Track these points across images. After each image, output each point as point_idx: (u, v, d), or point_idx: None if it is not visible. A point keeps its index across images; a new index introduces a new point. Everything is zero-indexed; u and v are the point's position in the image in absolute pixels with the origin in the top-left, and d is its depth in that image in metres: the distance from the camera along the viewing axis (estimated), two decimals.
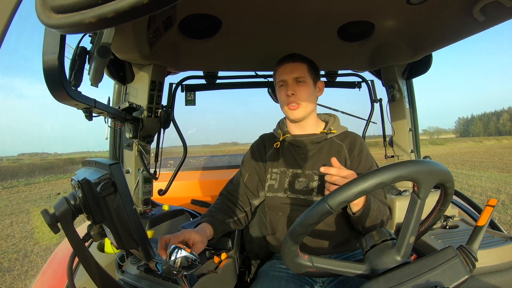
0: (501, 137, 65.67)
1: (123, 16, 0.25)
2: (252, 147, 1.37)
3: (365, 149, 1.23)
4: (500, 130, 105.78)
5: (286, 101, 1.21)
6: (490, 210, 0.73)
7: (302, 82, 1.21)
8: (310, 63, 1.25)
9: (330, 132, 1.23)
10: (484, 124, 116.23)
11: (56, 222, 0.69)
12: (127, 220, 0.74)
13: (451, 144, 45.40)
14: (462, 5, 1.14)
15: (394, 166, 0.63)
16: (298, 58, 1.23)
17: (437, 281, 0.62)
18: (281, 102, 1.26)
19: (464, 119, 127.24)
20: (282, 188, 1.22)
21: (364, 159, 1.20)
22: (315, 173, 1.19)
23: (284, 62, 1.24)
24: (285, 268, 1.18)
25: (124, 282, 0.98)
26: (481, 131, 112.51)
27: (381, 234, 0.71)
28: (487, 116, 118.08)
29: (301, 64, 1.22)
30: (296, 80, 1.21)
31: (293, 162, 1.24)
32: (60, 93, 0.71)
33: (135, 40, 1.13)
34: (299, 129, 1.27)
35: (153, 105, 1.44)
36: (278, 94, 1.27)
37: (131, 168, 1.48)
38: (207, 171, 2.88)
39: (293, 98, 1.19)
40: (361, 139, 1.26)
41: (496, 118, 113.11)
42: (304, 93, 1.20)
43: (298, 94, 1.20)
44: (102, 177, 0.71)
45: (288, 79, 1.21)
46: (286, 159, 1.26)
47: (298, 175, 1.21)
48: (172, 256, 0.77)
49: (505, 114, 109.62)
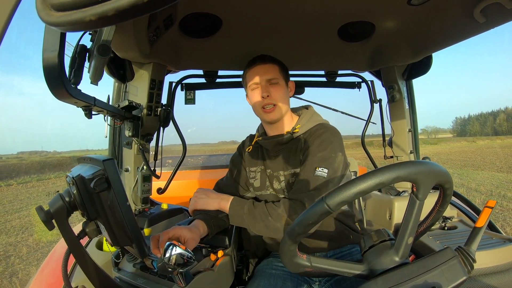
0: (495, 137, 66.00)
1: (123, 14, 0.25)
2: (239, 146, 1.43)
3: (322, 138, 1.13)
4: (497, 130, 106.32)
5: (260, 103, 1.19)
6: (488, 211, 0.73)
7: (275, 83, 1.19)
8: (280, 63, 1.24)
9: (294, 132, 1.21)
10: (481, 124, 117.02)
11: (50, 219, 0.69)
12: (121, 217, 0.74)
13: (444, 143, 45.78)
14: (462, 6, 1.14)
15: (393, 166, 0.63)
16: (269, 59, 1.22)
17: (435, 282, 0.62)
18: (255, 105, 1.23)
19: (461, 119, 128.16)
20: (264, 186, 1.25)
21: (314, 146, 1.11)
22: (280, 174, 1.21)
23: (255, 64, 1.21)
24: (282, 266, 1.18)
25: (120, 280, 0.97)
26: (478, 131, 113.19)
27: (379, 235, 0.72)
28: (484, 116, 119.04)
29: (273, 65, 1.21)
30: (269, 82, 1.19)
31: (267, 163, 1.27)
32: (60, 91, 0.71)
33: (135, 39, 1.13)
34: (274, 129, 1.27)
35: (153, 104, 1.44)
36: (251, 97, 1.23)
37: (130, 167, 1.48)
38: (206, 170, 2.88)
39: (268, 100, 1.17)
40: (326, 129, 1.16)
41: (493, 118, 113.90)
42: (278, 94, 1.19)
43: (273, 96, 1.18)
44: (96, 173, 0.71)
45: (261, 81, 1.19)
46: (262, 159, 1.29)
47: (273, 175, 1.24)
48: (166, 253, 0.76)
49: (501, 114, 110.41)
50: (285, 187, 1.19)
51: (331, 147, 1.11)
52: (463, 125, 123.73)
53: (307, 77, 2.00)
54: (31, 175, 17.97)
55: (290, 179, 1.18)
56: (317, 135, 1.15)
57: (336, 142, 1.13)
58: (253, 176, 1.30)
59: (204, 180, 2.61)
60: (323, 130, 1.16)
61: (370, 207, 1.80)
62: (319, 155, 1.09)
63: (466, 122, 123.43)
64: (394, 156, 1.88)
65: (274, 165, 1.24)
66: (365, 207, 1.83)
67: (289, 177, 1.18)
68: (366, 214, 1.80)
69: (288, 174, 1.18)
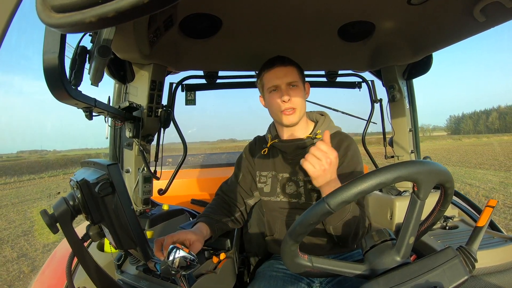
0: (481, 135, 66.47)
1: (123, 15, 0.25)
2: (246, 149, 1.39)
3: (352, 151, 1.18)
4: (489, 128, 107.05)
5: (280, 107, 1.17)
6: (489, 211, 0.73)
7: (295, 86, 1.18)
8: (297, 65, 1.22)
9: (316, 137, 1.20)
10: (474, 122, 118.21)
11: (55, 223, 0.70)
12: (125, 220, 0.74)
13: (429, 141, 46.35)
14: (462, 5, 1.14)
15: (394, 166, 0.62)
16: (288, 61, 1.20)
17: (436, 281, 0.62)
18: (273, 108, 1.21)
19: (455, 117, 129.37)
20: (275, 192, 1.23)
21: (348, 161, 1.15)
22: (299, 178, 1.19)
23: (274, 65, 1.19)
24: (283, 268, 1.18)
25: (123, 282, 0.98)
26: (471, 129, 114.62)
27: (381, 235, 0.71)
28: (477, 114, 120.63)
29: (292, 68, 1.19)
30: (289, 85, 1.17)
31: (282, 167, 1.24)
32: (60, 92, 0.71)
33: (135, 40, 1.13)
34: (289, 133, 1.25)
35: (153, 105, 1.44)
36: (269, 99, 1.21)
37: (131, 168, 1.48)
38: (206, 169, 2.88)
39: (289, 104, 1.16)
40: (350, 141, 1.21)
41: (485, 116, 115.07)
42: (298, 98, 1.17)
43: (293, 99, 1.16)
44: (101, 177, 0.72)
45: (281, 84, 1.17)
46: (275, 163, 1.26)
47: (288, 179, 1.21)
48: (170, 256, 0.77)
49: (494, 113, 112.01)
50: (304, 192, 1.17)
51: (361, 160, 1.19)
52: (457, 123, 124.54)
53: (307, 77, 1.99)
54: (57, 170, 23.81)
55: (310, 185, 1.15)
56: (346, 147, 1.18)
57: (359, 152, 1.22)
58: (263, 181, 1.26)
59: (204, 179, 2.62)
60: (349, 142, 1.20)
61: (371, 207, 1.79)
62: (358, 170, 1.15)
63: (460, 120, 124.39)
64: (395, 155, 1.88)
65: (291, 169, 1.21)
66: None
67: (309, 183, 1.15)
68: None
69: (308, 181, 1.15)
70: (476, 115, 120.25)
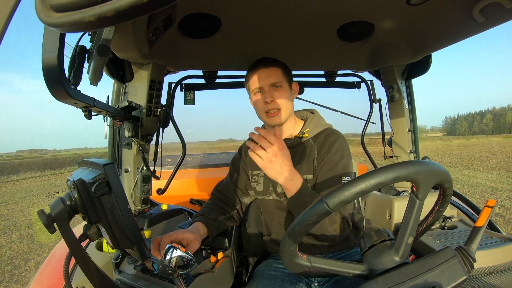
0: (471, 137, 67.10)
1: (122, 15, 0.25)
2: (240, 148, 1.40)
3: (336, 146, 1.15)
4: (484, 130, 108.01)
5: (264, 108, 1.17)
6: (488, 211, 0.73)
7: (279, 87, 1.17)
8: (283, 66, 1.21)
9: (303, 136, 1.20)
10: (469, 124, 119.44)
11: (52, 222, 0.70)
12: (122, 220, 0.74)
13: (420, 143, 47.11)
14: (462, 6, 1.14)
15: (393, 166, 0.63)
16: (271, 62, 1.19)
17: (435, 281, 0.62)
18: (258, 109, 1.21)
19: (451, 118, 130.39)
20: (267, 191, 1.23)
21: (331, 155, 1.13)
22: None
23: (257, 68, 1.18)
24: (281, 268, 1.18)
25: (121, 282, 0.98)
26: (466, 130, 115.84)
27: (379, 235, 0.71)
28: (472, 116, 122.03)
29: (276, 69, 1.18)
30: (273, 86, 1.17)
31: None
32: (59, 91, 0.71)
33: (134, 39, 1.13)
34: (277, 132, 1.25)
35: (152, 104, 1.44)
36: (254, 101, 1.22)
37: (130, 167, 1.48)
38: (205, 169, 2.88)
39: (272, 105, 1.16)
40: (336, 136, 1.18)
41: (480, 117, 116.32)
42: (282, 98, 1.17)
43: (277, 100, 1.16)
44: (97, 177, 0.72)
45: (265, 86, 1.16)
46: None
47: None
48: (167, 255, 0.77)
49: (488, 114, 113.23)
50: None
51: (346, 154, 1.15)
52: (452, 124, 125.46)
53: (306, 77, 2.00)
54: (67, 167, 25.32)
55: None
56: (331, 142, 1.15)
57: (347, 148, 1.17)
58: (255, 180, 1.27)
59: (203, 179, 2.61)
60: (335, 137, 1.17)
61: (370, 206, 1.80)
62: (341, 164, 1.11)
63: (455, 122, 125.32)
64: (394, 155, 1.88)
65: None
66: (365, 207, 1.83)
67: None
68: (366, 214, 1.80)
69: None
70: (471, 116, 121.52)
